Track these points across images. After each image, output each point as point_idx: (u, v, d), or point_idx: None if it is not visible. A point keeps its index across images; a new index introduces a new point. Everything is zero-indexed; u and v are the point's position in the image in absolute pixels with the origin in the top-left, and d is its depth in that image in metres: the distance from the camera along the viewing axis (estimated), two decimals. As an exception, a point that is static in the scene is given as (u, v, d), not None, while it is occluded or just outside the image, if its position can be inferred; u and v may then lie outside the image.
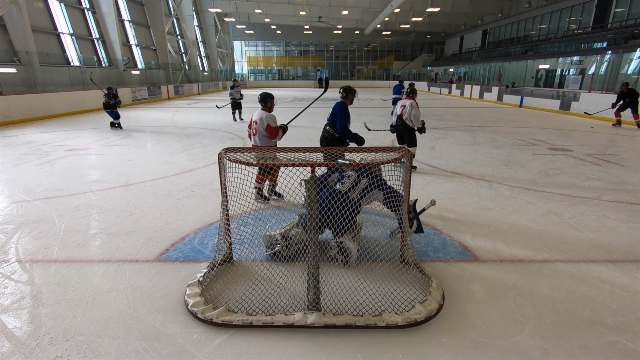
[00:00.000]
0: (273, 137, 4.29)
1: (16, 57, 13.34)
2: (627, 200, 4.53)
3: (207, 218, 3.93)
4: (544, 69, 22.45)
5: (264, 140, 4.31)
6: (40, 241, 3.38)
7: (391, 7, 26.87)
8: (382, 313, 2.30)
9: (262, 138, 4.31)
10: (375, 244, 3.32)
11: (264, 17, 35.91)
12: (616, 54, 16.90)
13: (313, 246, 2.29)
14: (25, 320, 2.31)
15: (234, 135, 9.35)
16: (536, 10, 26.16)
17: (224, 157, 2.56)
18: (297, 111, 15.18)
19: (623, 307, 2.44)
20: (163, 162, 6.44)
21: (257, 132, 4.30)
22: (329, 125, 4.65)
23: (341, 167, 2.51)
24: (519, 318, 2.33)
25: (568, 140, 8.70)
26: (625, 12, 19.16)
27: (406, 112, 5.66)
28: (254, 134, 4.35)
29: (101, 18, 18.53)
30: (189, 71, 28.38)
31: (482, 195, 4.70)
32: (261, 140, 4.32)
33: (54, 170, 5.91)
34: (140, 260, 3.05)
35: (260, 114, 4.31)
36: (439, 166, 6.23)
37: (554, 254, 3.18)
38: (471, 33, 36.91)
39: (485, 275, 2.84)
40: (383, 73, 43.62)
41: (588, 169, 6.08)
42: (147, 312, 2.37)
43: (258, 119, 4.29)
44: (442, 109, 16.16)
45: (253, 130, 4.35)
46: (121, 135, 9.29)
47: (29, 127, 10.62)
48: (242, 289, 2.60)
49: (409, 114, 5.63)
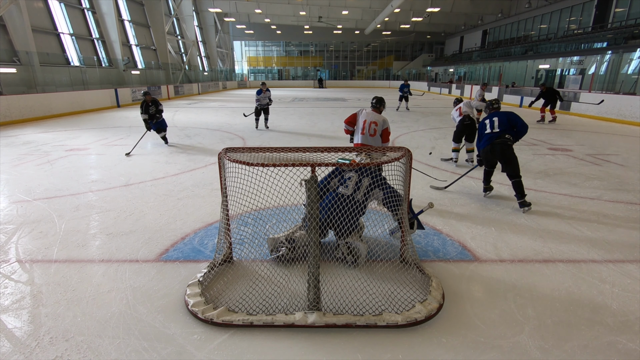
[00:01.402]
0: (387, 141, 4.27)
1: (16, 57, 13.34)
2: (627, 200, 4.54)
3: (207, 218, 3.93)
4: (544, 69, 22.45)
5: (378, 141, 4.24)
6: (40, 241, 3.38)
7: (391, 7, 26.87)
8: (382, 312, 2.30)
9: (377, 139, 4.23)
10: (375, 244, 3.32)
11: (264, 17, 35.90)
12: (616, 54, 16.90)
13: (314, 246, 2.29)
14: (25, 320, 2.31)
15: (234, 135, 9.35)
16: (536, 10, 26.15)
17: (224, 157, 2.56)
18: (297, 111, 15.20)
19: (623, 307, 2.45)
20: (163, 162, 6.44)
21: (375, 132, 4.20)
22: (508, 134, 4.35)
23: (341, 167, 2.51)
24: (519, 318, 2.33)
25: (568, 140, 8.70)
26: (625, 12, 19.15)
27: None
28: (372, 134, 4.20)
29: (101, 18, 18.52)
30: (189, 71, 28.37)
31: (482, 195, 4.70)
32: (375, 141, 4.23)
33: (54, 170, 5.91)
34: (140, 260, 3.05)
35: (376, 116, 4.24)
36: (439, 166, 6.23)
37: (554, 254, 3.18)
38: (471, 33, 36.90)
39: (485, 275, 2.84)
40: (383, 73, 43.59)
41: (588, 169, 6.08)
42: (147, 312, 2.37)
43: (378, 120, 4.21)
44: (442, 109, 16.16)
45: (372, 131, 4.19)
46: (121, 135, 9.28)
47: (29, 127, 10.62)
48: (242, 289, 2.60)
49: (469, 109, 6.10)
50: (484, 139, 4.44)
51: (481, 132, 4.55)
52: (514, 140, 4.33)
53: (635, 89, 15.13)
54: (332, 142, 8.51)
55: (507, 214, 4.10)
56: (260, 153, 2.63)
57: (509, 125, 4.36)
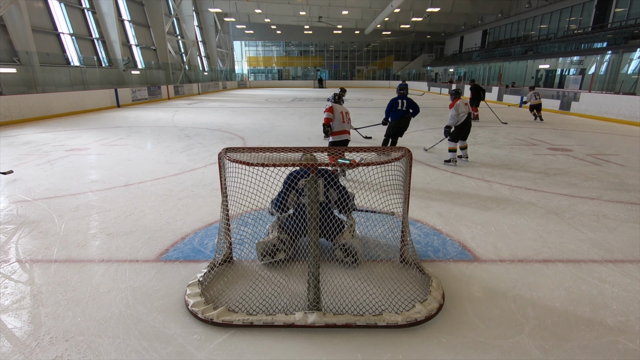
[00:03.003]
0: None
1: (16, 57, 13.34)
2: (627, 200, 4.54)
3: (207, 218, 3.93)
4: (544, 69, 22.46)
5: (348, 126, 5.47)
6: (40, 241, 3.38)
7: (391, 7, 26.87)
8: (382, 312, 2.30)
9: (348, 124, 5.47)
10: (375, 244, 3.32)
11: (264, 17, 35.90)
12: (616, 54, 16.90)
13: (313, 246, 2.29)
14: (25, 320, 2.31)
15: (234, 135, 9.35)
16: (536, 10, 26.16)
17: (224, 157, 2.56)
18: (297, 111, 15.21)
19: (623, 307, 2.45)
20: (163, 162, 6.44)
21: (350, 120, 5.50)
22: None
23: (341, 167, 2.52)
24: (519, 318, 2.33)
25: (568, 140, 8.71)
26: (625, 12, 19.16)
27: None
28: (348, 120, 5.43)
29: (101, 18, 18.51)
30: (189, 71, 28.37)
31: (482, 195, 4.70)
32: (349, 125, 5.47)
33: (54, 170, 5.91)
34: (140, 260, 3.05)
35: (343, 107, 5.47)
36: (439, 166, 6.23)
37: (554, 254, 3.18)
38: (471, 33, 36.91)
39: (485, 275, 2.84)
40: (383, 73, 43.59)
41: (588, 169, 6.08)
42: (147, 312, 2.37)
43: (348, 111, 5.51)
44: (442, 109, 16.16)
45: (347, 118, 5.40)
46: (121, 135, 9.29)
47: (29, 127, 10.62)
48: (242, 289, 2.60)
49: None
50: (399, 114, 6.32)
51: (395, 108, 6.33)
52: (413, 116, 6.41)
53: (635, 89, 15.14)
54: (332, 142, 8.50)
55: (507, 214, 4.10)
56: (260, 153, 2.63)
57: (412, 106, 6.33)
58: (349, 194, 3.09)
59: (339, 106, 5.40)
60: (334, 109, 5.29)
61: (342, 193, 3.03)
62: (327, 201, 3.02)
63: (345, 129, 5.37)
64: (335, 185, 3.01)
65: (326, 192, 3.03)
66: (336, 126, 5.31)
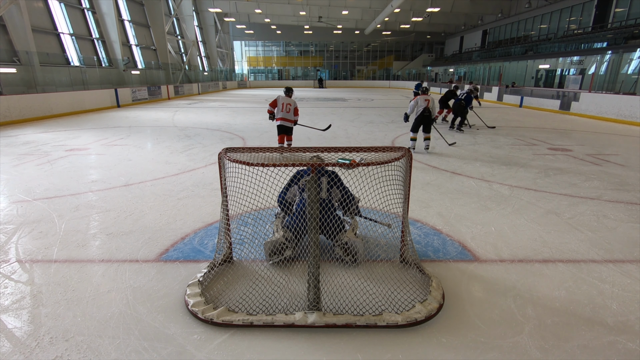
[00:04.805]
0: (297, 115, 6.79)
1: (16, 57, 13.33)
2: (627, 200, 4.54)
3: (207, 218, 3.93)
4: (544, 69, 22.46)
5: (291, 114, 6.63)
6: (40, 241, 3.38)
7: (391, 7, 26.88)
8: (382, 312, 2.30)
9: (291, 114, 6.63)
10: (375, 244, 3.32)
11: (264, 17, 35.90)
12: (616, 54, 16.91)
13: (313, 246, 2.29)
14: (25, 320, 2.31)
15: (233, 135, 9.35)
16: (536, 10, 26.16)
17: (224, 157, 2.56)
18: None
19: (623, 307, 2.45)
20: (163, 162, 6.44)
21: (290, 109, 6.60)
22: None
23: (341, 167, 2.51)
24: (519, 318, 2.33)
25: (568, 140, 8.71)
26: (625, 12, 19.16)
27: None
28: (287, 111, 6.56)
29: (101, 18, 18.51)
30: (189, 71, 28.37)
31: (482, 195, 4.70)
32: (290, 115, 6.61)
33: (54, 170, 5.91)
34: (140, 260, 3.05)
35: (289, 99, 6.63)
36: (439, 166, 6.23)
37: (554, 254, 3.18)
38: (471, 33, 36.91)
39: (485, 275, 2.84)
40: (383, 73, 43.60)
41: (588, 169, 6.08)
42: (147, 312, 2.37)
43: (291, 102, 6.63)
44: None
45: (287, 109, 6.55)
46: (121, 135, 9.28)
47: (29, 127, 10.62)
48: (242, 289, 2.60)
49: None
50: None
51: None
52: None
53: (635, 89, 15.15)
54: (332, 142, 8.52)
55: (507, 214, 4.10)
56: (260, 153, 2.62)
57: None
58: (353, 196, 3.08)
59: (284, 97, 6.62)
60: (277, 100, 6.58)
61: (345, 194, 3.03)
62: (329, 199, 3.02)
63: (282, 116, 6.58)
64: (340, 186, 3.01)
65: (329, 189, 3.04)
66: (277, 113, 6.65)
